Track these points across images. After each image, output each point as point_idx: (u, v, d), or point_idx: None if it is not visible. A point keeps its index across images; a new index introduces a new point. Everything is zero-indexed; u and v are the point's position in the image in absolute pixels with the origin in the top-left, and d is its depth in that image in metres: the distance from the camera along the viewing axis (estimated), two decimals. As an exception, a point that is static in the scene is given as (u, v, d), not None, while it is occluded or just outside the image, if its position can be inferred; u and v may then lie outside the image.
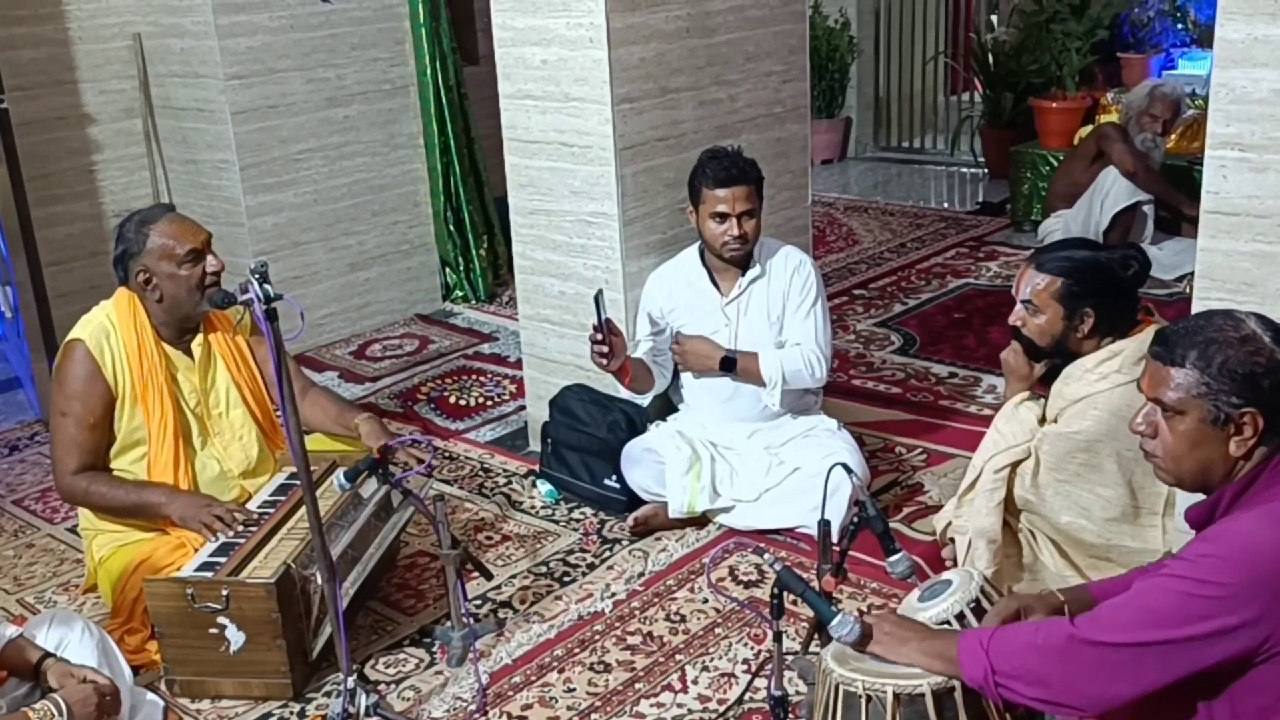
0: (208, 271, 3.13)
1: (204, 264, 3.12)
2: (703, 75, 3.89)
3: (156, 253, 3.09)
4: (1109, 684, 1.82)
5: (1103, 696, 1.83)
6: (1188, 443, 1.91)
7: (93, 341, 3.11)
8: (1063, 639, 1.87)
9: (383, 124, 5.50)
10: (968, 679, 1.98)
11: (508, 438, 4.37)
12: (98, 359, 3.09)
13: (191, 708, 2.91)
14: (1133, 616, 1.81)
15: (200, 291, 3.12)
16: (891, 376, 4.67)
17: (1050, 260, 2.93)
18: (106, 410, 3.12)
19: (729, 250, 3.49)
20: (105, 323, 3.15)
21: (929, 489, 3.74)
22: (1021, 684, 1.89)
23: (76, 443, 3.09)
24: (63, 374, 3.12)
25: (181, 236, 3.11)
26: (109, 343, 3.12)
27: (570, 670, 2.97)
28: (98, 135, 5.23)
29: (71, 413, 3.09)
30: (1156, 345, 1.95)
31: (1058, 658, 1.85)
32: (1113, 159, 5.61)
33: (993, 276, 5.82)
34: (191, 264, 3.11)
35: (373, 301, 5.61)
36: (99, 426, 3.11)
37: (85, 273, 5.12)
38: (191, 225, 3.17)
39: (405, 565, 3.51)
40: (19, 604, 3.46)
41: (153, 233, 3.10)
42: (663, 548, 3.51)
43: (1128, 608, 1.84)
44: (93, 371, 3.09)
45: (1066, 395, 2.94)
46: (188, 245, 3.10)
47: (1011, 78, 7.39)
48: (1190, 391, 1.88)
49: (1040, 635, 1.91)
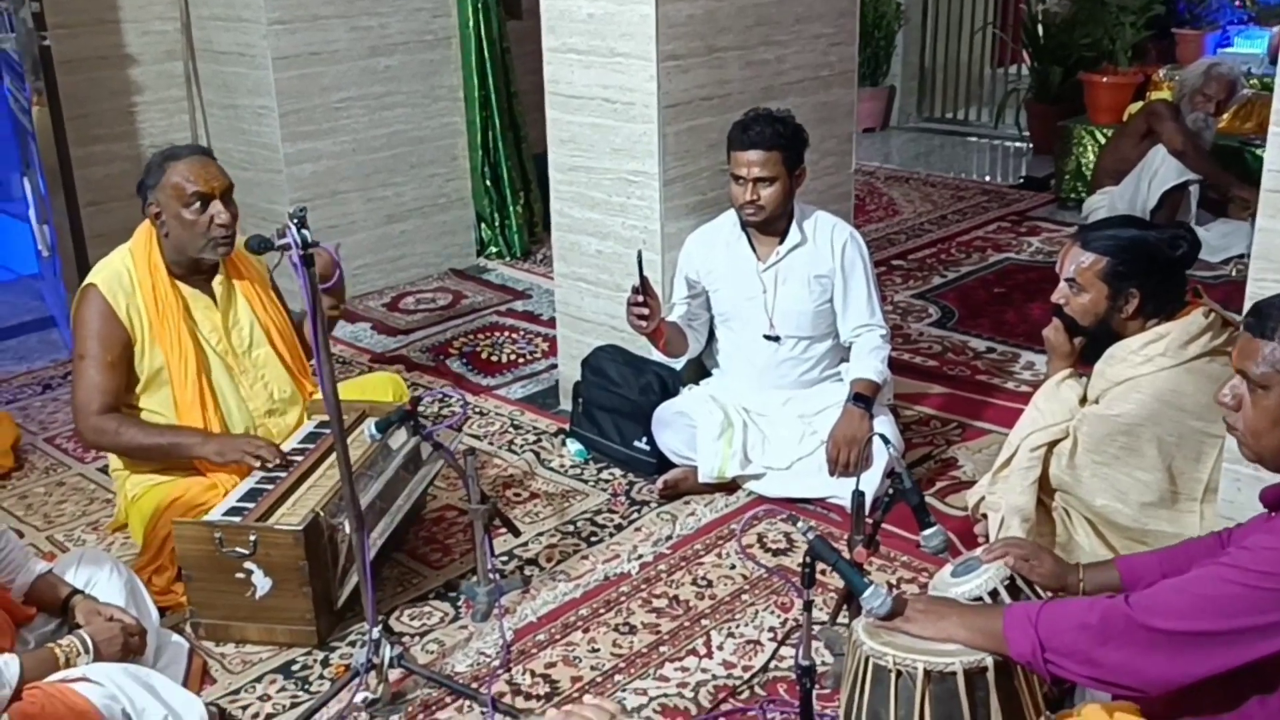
0: (215, 220, 3.09)
1: (211, 211, 3.08)
2: (751, 35, 3.82)
3: (169, 189, 3.08)
4: (1164, 669, 1.79)
5: (1158, 680, 1.81)
6: (1269, 419, 1.83)
7: (105, 287, 3.11)
8: (1119, 621, 1.83)
9: (424, 75, 5.46)
10: (1015, 654, 1.95)
11: (538, 395, 4.35)
12: (111, 302, 3.10)
13: (216, 651, 2.92)
14: (1191, 604, 1.78)
15: (204, 239, 3.09)
16: (928, 349, 4.61)
17: (1096, 238, 2.86)
18: (125, 351, 3.12)
19: (745, 214, 3.44)
20: (120, 267, 3.15)
21: (963, 464, 3.70)
22: (1073, 662, 1.86)
23: (97, 384, 3.09)
24: (80, 318, 3.13)
25: (195, 178, 3.07)
26: (122, 286, 3.12)
27: (595, 630, 2.96)
28: (139, 76, 5.22)
29: (90, 354, 3.09)
30: (1250, 316, 1.88)
31: (1112, 639, 1.82)
32: (1162, 137, 5.51)
33: (1034, 252, 5.73)
34: (198, 208, 3.07)
35: (408, 254, 5.59)
36: (118, 366, 3.11)
37: (122, 214, 5.09)
38: (211, 170, 3.12)
39: (433, 519, 3.51)
40: (49, 541, 3.48)
41: (170, 169, 3.09)
42: (691, 512, 3.48)
43: (1186, 594, 1.80)
44: (107, 314, 3.09)
45: (1109, 376, 2.88)
46: (195, 187, 3.06)
47: (1061, 51, 7.26)
48: (1276, 366, 1.81)
49: (1094, 614, 1.87)
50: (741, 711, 2.65)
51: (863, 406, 3.40)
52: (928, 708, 2.10)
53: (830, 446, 3.39)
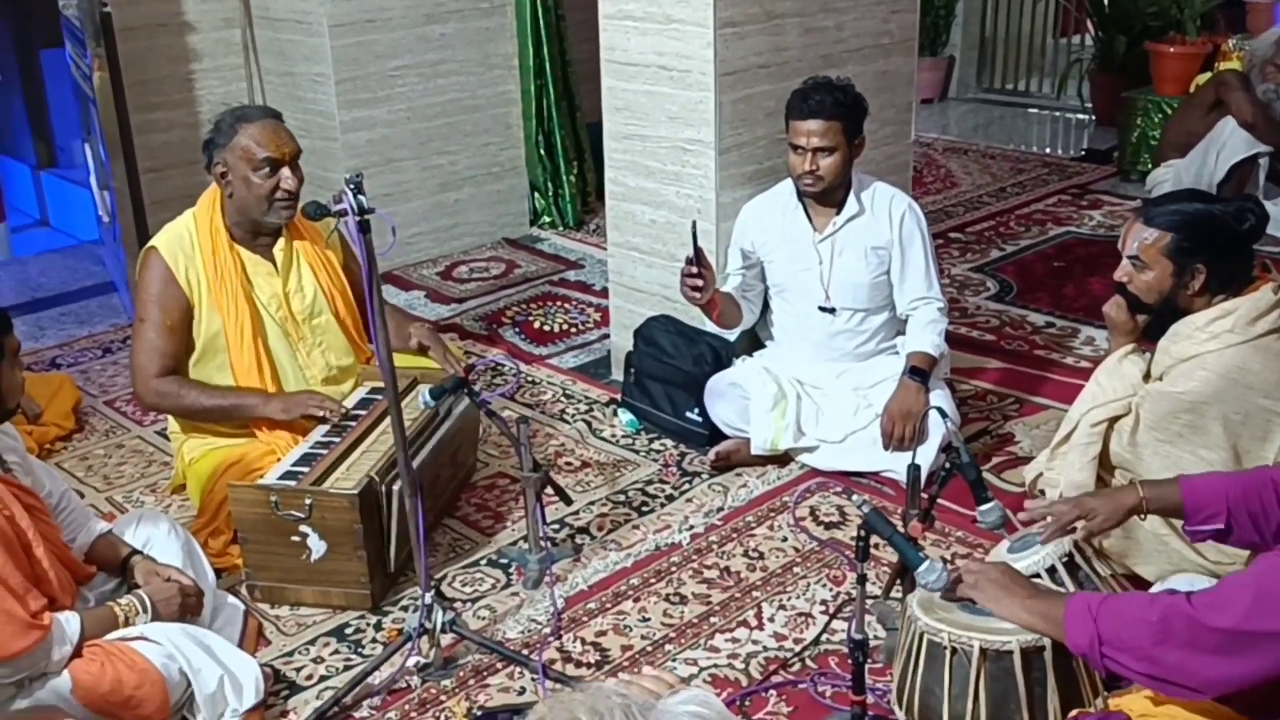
0: (281, 186, 3.11)
1: (279, 177, 3.10)
2: (810, 1, 3.76)
3: (238, 151, 3.09)
4: (1225, 669, 1.74)
5: (1217, 681, 1.76)
6: None
7: (166, 250, 3.14)
8: (1182, 619, 1.79)
9: (479, 43, 5.44)
10: (1072, 645, 1.92)
11: (590, 365, 4.34)
12: (171, 266, 3.13)
13: (271, 613, 2.96)
14: (1256, 601, 1.72)
15: (268, 203, 3.12)
16: (986, 323, 4.55)
17: (1160, 214, 2.78)
18: (184, 315, 3.15)
19: (803, 184, 3.39)
20: (183, 231, 3.18)
21: (1020, 439, 3.65)
22: (1131, 658, 1.83)
23: (157, 347, 3.13)
24: (141, 281, 3.16)
25: (266, 142, 3.09)
26: (183, 249, 3.15)
27: (645, 600, 2.96)
28: (197, 43, 5.25)
29: (150, 318, 3.12)
30: None
31: (1173, 637, 1.78)
32: (1231, 108, 5.37)
33: (1096, 226, 5.63)
34: (267, 173, 3.09)
35: (461, 223, 5.59)
36: (177, 330, 3.14)
37: (180, 181, 5.15)
38: (282, 135, 3.13)
39: (485, 485, 3.52)
40: (108, 502, 3.53)
41: (241, 131, 3.10)
42: (743, 484, 3.47)
43: (1249, 590, 1.75)
44: (167, 278, 3.12)
45: (1174, 353, 2.82)
46: (266, 152, 3.08)
47: (1126, 20, 7.09)
48: None
49: (1155, 611, 1.83)
50: (792, 684, 2.64)
51: (919, 380, 3.35)
52: (983, 685, 2.09)
53: (885, 420, 3.36)
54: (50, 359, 4.61)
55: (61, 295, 5.35)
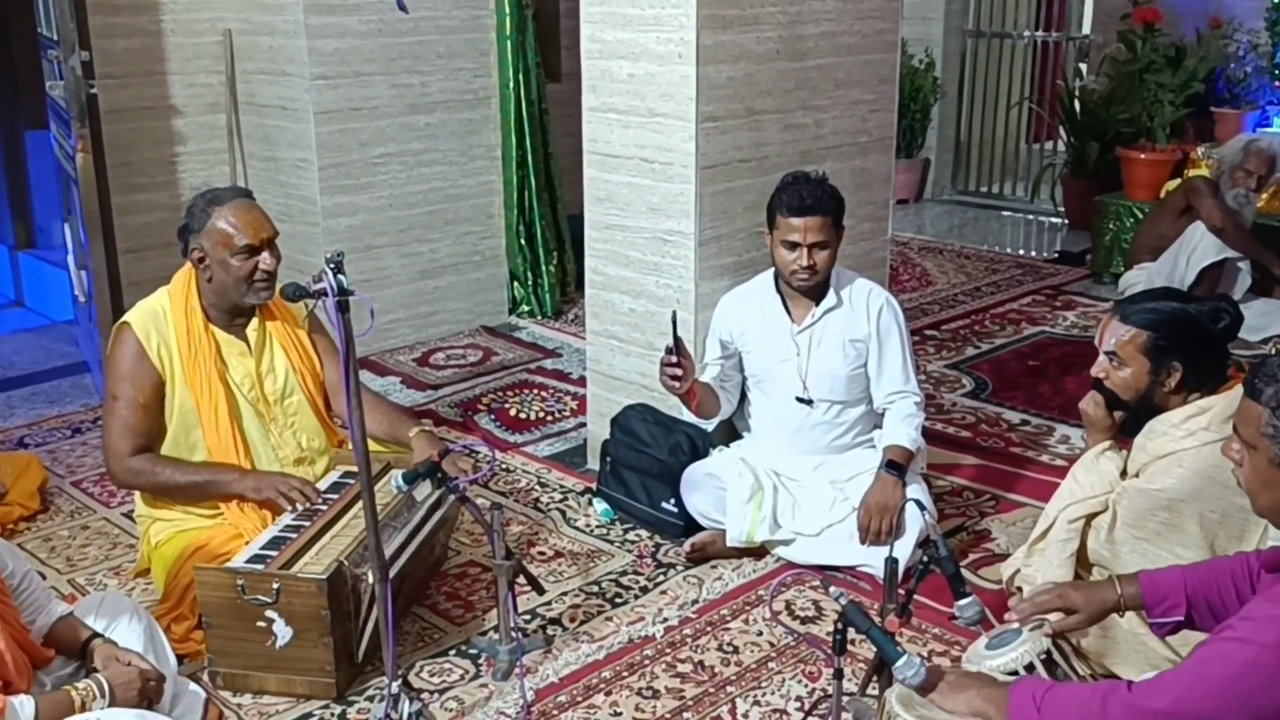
0: (260, 268, 3.11)
1: (258, 260, 3.10)
2: (790, 99, 3.83)
3: (215, 236, 3.09)
4: None
5: None
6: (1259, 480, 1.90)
7: (139, 325, 3.12)
8: (1121, 706, 1.79)
9: (462, 134, 5.50)
10: None
11: (566, 454, 4.32)
12: (143, 341, 3.11)
13: (233, 701, 2.88)
14: (1191, 686, 1.72)
15: (248, 284, 3.11)
16: (962, 420, 4.56)
17: (1136, 311, 2.81)
18: (156, 392, 3.12)
19: (797, 280, 3.42)
20: (157, 307, 3.17)
21: (996, 536, 3.63)
22: None
23: (130, 425, 3.09)
24: (113, 357, 3.14)
25: (243, 228, 3.09)
26: (156, 325, 3.13)
27: (618, 694, 2.90)
28: (182, 127, 5.29)
29: (122, 395, 3.09)
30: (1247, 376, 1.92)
31: None
32: (1201, 213, 5.47)
33: (1070, 326, 5.69)
34: (245, 257, 3.09)
35: (440, 310, 5.60)
36: (150, 408, 3.11)
37: (159, 262, 5.13)
38: (257, 218, 3.13)
39: (455, 574, 3.46)
40: (70, 584, 3.45)
41: (216, 215, 3.09)
42: (718, 576, 3.43)
43: (1186, 675, 1.75)
44: (139, 353, 3.10)
45: (1150, 450, 2.82)
46: (246, 239, 3.08)
47: (1099, 126, 7.26)
48: (1260, 429, 1.85)
49: (1097, 699, 1.83)
50: (766, 783, 2.57)
51: (896, 474, 3.34)
52: (963, 783, 2.04)
53: (862, 514, 3.34)
54: (18, 438, 4.54)
55: (33, 374, 5.29)
